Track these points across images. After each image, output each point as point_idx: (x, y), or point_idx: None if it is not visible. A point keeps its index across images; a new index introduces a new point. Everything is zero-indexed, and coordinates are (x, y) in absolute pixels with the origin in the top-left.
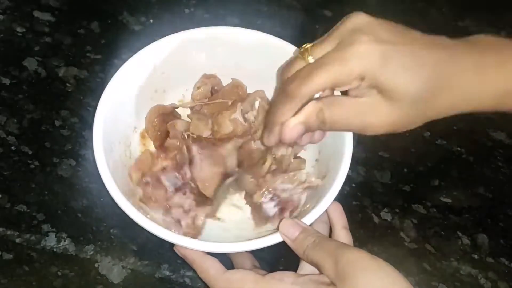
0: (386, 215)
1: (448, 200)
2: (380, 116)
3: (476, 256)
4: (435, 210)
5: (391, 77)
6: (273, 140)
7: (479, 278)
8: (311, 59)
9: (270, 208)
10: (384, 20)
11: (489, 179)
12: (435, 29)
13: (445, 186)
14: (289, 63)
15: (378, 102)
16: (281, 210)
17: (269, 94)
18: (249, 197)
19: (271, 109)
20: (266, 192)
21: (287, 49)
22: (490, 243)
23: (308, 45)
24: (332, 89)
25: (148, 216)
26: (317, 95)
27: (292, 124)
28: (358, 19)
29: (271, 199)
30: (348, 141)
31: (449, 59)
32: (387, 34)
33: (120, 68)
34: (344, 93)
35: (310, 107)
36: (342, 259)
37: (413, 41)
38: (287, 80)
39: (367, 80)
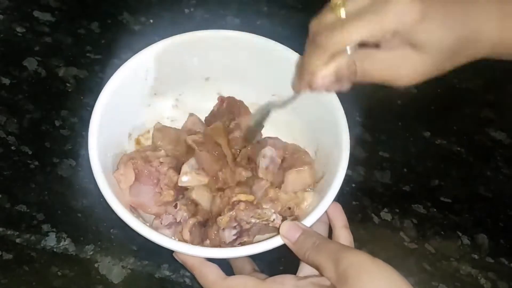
0: (386, 215)
1: (448, 200)
2: (412, 68)
3: (476, 256)
4: (435, 210)
5: (426, 34)
6: (303, 87)
7: (479, 278)
8: (343, 14)
9: (229, 235)
10: None
11: (489, 179)
12: None
13: (445, 186)
14: (320, 16)
15: (411, 55)
16: (236, 239)
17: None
18: (212, 216)
19: (301, 59)
20: (233, 221)
21: (284, 52)
22: (490, 243)
23: (340, 1)
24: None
25: (147, 224)
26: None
27: (323, 73)
28: None
29: (234, 227)
30: (345, 140)
31: (476, 11)
32: None
33: (114, 74)
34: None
35: (343, 59)
36: (344, 261)
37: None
38: (316, 31)
39: (400, 36)
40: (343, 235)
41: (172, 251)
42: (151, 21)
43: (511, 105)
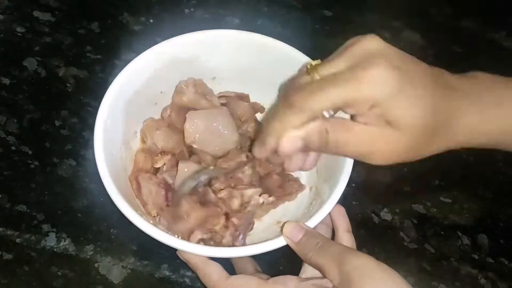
0: (386, 215)
1: (448, 200)
2: (387, 147)
3: (476, 256)
4: (435, 210)
5: (403, 109)
6: (265, 152)
7: (479, 278)
8: (317, 76)
9: (228, 240)
10: (396, 48)
11: (489, 179)
12: (435, 29)
13: (445, 186)
14: (295, 77)
15: (387, 133)
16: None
17: (270, 99)
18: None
19: (269, 119)
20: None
21: (289, 52)
22: (490, 243)
23: (316, 62)
24: (338, 110)
25: (151, 221)
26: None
27: (292, 135)
28: (373, 44)
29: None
30: None
31: (455, 96)
32: (401, 62)
33: (120, 73)
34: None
35: (314, 125)
36: (348, 264)
37: (421, 72)
38: (292, 91)
39: (378, 109)
40: (346, 238)
41: (173, 251)
42: (151, 21)
43: None
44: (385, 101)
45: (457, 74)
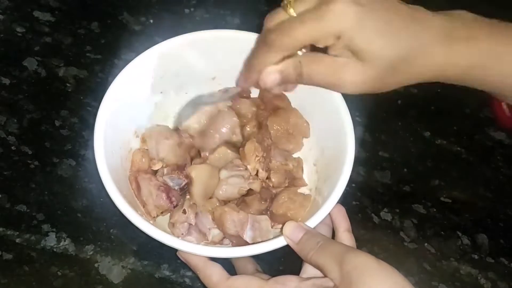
0: (386, 215)
1: (448, 200)
2: (354, 76)
3: (476, 256)
4: (435, 210)
5: (365, 40)
6: (248, 83)
7: (479, 278)
8: (292, 13)
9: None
10: None
11: (489, 179)
12: None
13: (445, 186)
14: (273, 13)
15: (353, 63)
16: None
17: None
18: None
19: (251, 56)
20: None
21: None
22: (490, 243)
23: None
24: (311, 45)
25: (151, 221)
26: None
27: (270, 70)
28: None
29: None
30: (350, 143)
31: (422, 31)
32: (366, 1)
33: (120, 73)
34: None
35: (290, 60)
36: (348, 263)
37: (391, 9)
38: (268, 30)
39: (342, 40)
40: (346, 238)
41: (173, 251)
42: (151, 21)
43: (511, 105)
44: (347, 33)
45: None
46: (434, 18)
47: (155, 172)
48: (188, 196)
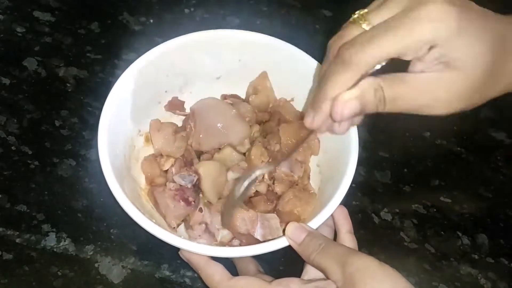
0: (386, 215)
1: (448, 200)
2: (449, 91)
3: (476, 256)
4: (435, 210)
5: (465, 47)
6: (320, 120)
7: (479, 278)
8: (366, 27)
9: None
10: None
11: (489, 179)
12: None
13: (445, 186)
14: (342, 30)
15: (447, 75)
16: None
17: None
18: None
19: (320, 83)
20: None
21: (292, 51)
22: (490, 243)
23: (363, 11)
24: (395, 58)
25: (153, 220)
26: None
27: (346, 97)
28: None
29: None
30: (353, 144)
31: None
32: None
33: (124, 72)
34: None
35: (367, 82)
36: (351, 265)
37: (479, 10)
38: (342, 46)
39: (437, 50)
40: (348, 240)
41: (173, 251)
42: (151, 21)
43: (511, 105)
44: (445, 40)
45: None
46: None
47: (166, 176)
48: (201, 195)
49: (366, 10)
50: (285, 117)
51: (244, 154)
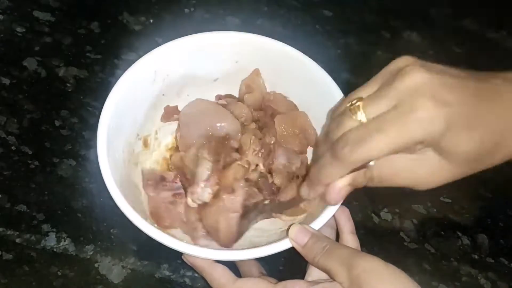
0: (386, 215)
1: (448, 200)
2: (436, 173)
3: (476, 256)
4: (435, 210)
5: (452, 140)
6: (312, 196)
7: (479, 278)
8: (363, 118)
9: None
10: (440, 69)
11: (489, 179)
12: (435, 29)
13: (445, 186)
14: (338, 120)
15: (434, 160)
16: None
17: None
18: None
19: (316, 167)
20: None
21: (291, 53)
22: (490, 243)
23: (359, 102)
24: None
25: (155, 225)
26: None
27: (339, 185)
28: (417, 77)
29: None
30: None
31: (506, 111)
32: (448, 93)
33: (122, 75)
34: None
35: (360, 170)
36: (357, 267)
37: (472, 97)
38: (338, 140)
39: (425, 144)
40: (351, 240)
41: (173, 251)
42: (151, 21)
43: None
44: (433, 140)
45: (499, 73)
46: (503, 88)
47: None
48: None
49: (362, 102)
50: (277, 110)
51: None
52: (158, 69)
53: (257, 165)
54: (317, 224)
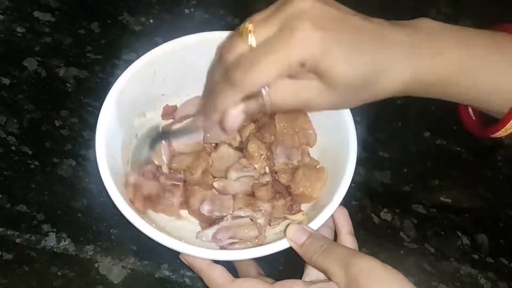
0: (386, 215)
1: (448, 200)
2: (317, 97)
3: (476, 256)
4: (435, 210)
5: (330, 65)
6: (210, 123)
7: (479, 278)
8: (253, 41)
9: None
10: (330, 2)
11: (489, 179)
12: None
13: (445, 186)
14: (231, 43)
15: (317, 84)
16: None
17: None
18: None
19: (211, 95)
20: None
21: None
22: (490, 243)
23: (250, 25)
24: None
25: (153, 225)
26: None
27: (234, 113)
28: (303, 3)
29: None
30: (352, 145)
31: (387, 50)
32: (328, 20)
33: (122, 75)
34: None
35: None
36: (354, 267)
37: (356, 30)
38: (230, 65)
39: (307, 66)
40: (349, 241)
41: (173, 251)
42: (151, 21)
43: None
44: (312, 60)
45: (401, 21)
46: (399, 33)
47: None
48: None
49: (253, 24)
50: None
51: (241, 151)
52: (157, 69)
53: (265, 172)
54: (315, 224)
